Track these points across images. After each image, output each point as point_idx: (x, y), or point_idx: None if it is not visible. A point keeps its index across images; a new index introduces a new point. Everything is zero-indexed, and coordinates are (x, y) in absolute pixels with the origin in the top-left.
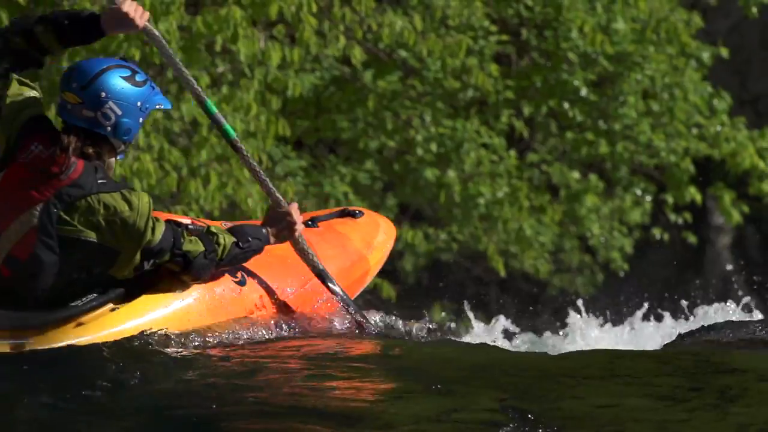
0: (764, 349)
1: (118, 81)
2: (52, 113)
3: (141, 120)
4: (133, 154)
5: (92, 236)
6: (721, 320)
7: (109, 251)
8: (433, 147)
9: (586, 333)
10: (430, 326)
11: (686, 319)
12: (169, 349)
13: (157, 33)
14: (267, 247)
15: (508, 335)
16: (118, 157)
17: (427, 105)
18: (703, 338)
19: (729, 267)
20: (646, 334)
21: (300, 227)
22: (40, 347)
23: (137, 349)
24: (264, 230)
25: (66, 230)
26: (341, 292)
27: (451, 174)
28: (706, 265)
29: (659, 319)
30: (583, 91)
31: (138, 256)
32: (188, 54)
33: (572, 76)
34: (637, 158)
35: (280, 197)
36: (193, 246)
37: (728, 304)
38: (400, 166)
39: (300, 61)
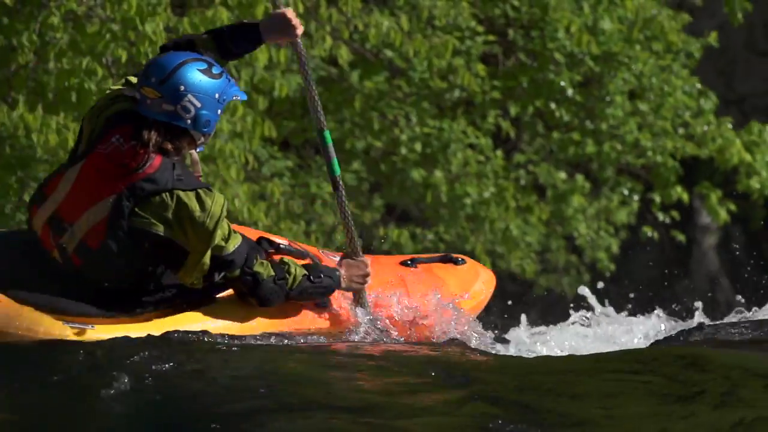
0: (750, 348)
1: (196, 74)
2: (39, 112)
3: (219, 111)
4: None
5: (161, 230)
6: (708, 320)
7: (177, 248)
8: (419, 147)
9: (569, 331)
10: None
11: (673, 319)
12: (224, 350)
13: (302, 46)
14: None
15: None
16: (198, 150)
17: (413, 105)
18: (690, 338)
19: (715, 267)
20: (633, 333)
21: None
22: (102, 336)
23: (201, 349)
24: (337, 272)
25: (137, 222)
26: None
27: (438, 174)
28: (693, 264)
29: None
30: (570, 91)
31: (207, 261)
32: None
33: (559, 76)
34: (624, 158)
35: (359, 247)
36: (264, 269)
37: (715, 303)
38: (387, 166)
39: (286, 61)
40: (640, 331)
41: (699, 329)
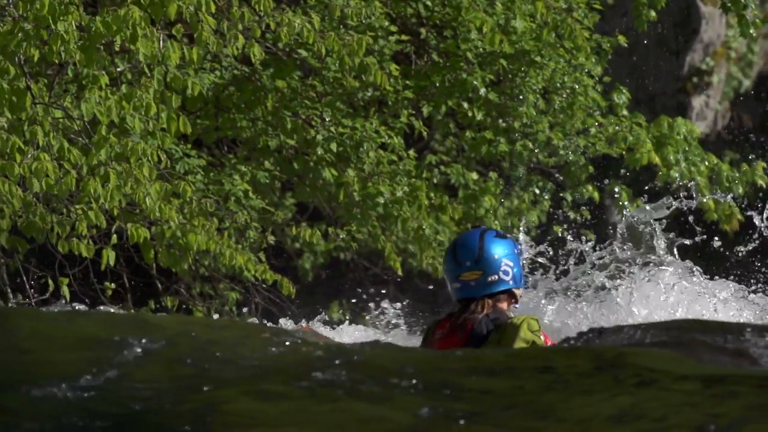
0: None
1: (496, 239)
2: None
3: (520, 262)
4: (32, 153)
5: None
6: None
7: None
8: (334, 147)
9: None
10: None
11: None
12: None
13: None
14: None
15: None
16: (516, 305)
17: (326, 105)
18: (602, 337)
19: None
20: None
21: None
22: None
23: None
24: None
25: None
26: None
27: (351, 173)
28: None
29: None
30: (482, 91)
31: None
32: (87, 54)
33: (471, 75)
34: (534, 156)
35: None
36: None
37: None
38: (299, 165)
39: (199, 60)
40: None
41: (601, 332)
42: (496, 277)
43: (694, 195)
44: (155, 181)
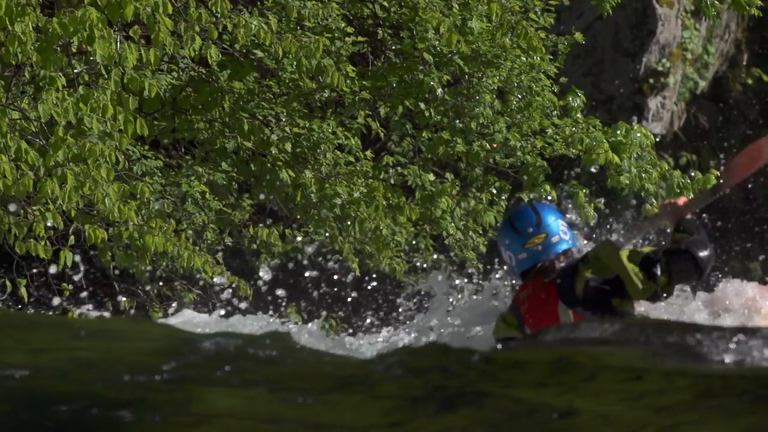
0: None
1: (546, 205)
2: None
3: None
4: None
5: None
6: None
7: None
8: (288, 147)
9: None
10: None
11: None
12: None
13: None
14: None
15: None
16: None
17: (282, 105)
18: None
19: None
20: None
21: None
22: None
23: None
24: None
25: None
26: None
27: (308, 174)
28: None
29: None
30: (439, 91)
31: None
32: (44, 55)
33: (428, 76)
34: (492, 156)
35: None
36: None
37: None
38: (257, 166)
39: (156, 61)
40: None
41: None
42: (558, 237)
43: (650, 202)
44: (113, 183)
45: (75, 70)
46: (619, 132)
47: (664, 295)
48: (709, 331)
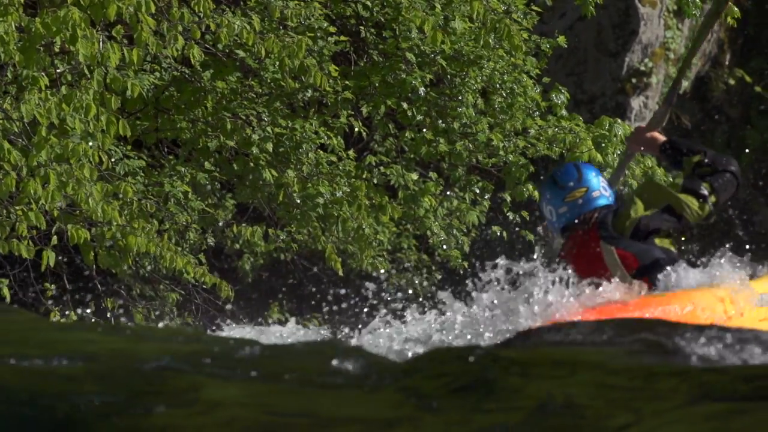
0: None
1: (586, 163)
2: None
3: None
4: None
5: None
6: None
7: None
8: (270, 147)
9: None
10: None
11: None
12: None
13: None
14: None
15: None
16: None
17: (264, 105)
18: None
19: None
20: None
21: None
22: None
23: None
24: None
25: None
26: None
27: (290, 174)
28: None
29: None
30: (422, 91)
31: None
32: (27, 55)
33: (410, 75)
34: (474, 156)
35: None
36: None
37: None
38: (239, 166)
39: (139, 61)
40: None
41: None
42: (599, 192)
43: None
44: (97, 182)
45: (58, 70)
46: (602, 127)
47: (714, 216)
48: (718, 330)
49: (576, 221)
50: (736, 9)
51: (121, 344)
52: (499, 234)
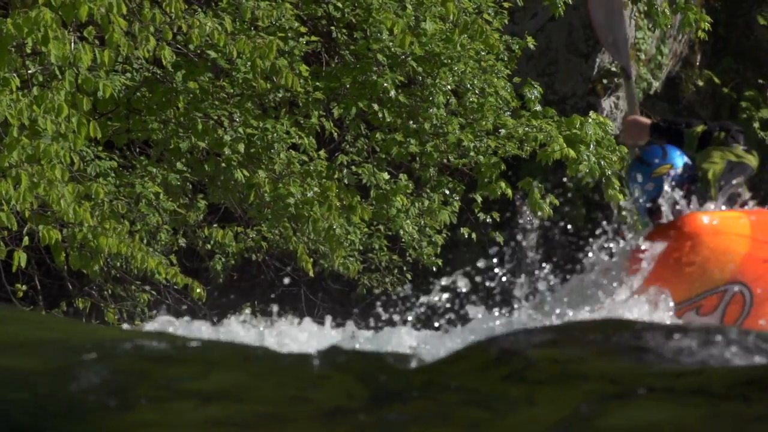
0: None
1: (665, 144)
2: None
3: None
4: None
5: None
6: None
7: None
8: (241, 148)
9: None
10: None
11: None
12: None
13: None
14: None
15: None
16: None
17: (237, 106)
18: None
19: (536, 270)
20: (453, 334)
21: None
22: None
23: None
24: None
25: None
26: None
27: (262, 174)
28: (514, 266)
29: (465, 321)
30: (392, 92)
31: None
32: None
33: (381, 77)
34: (445, 156)
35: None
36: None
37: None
38: (211, 166)
39: (110, 62)
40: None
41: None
42: (681, 170)
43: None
44: (68, 183)
45: (29, 71)
46: (573, 125)
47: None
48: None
49: (662, 206)
50: (707, 17)
51: (91, 341)
52: (467, 236)
